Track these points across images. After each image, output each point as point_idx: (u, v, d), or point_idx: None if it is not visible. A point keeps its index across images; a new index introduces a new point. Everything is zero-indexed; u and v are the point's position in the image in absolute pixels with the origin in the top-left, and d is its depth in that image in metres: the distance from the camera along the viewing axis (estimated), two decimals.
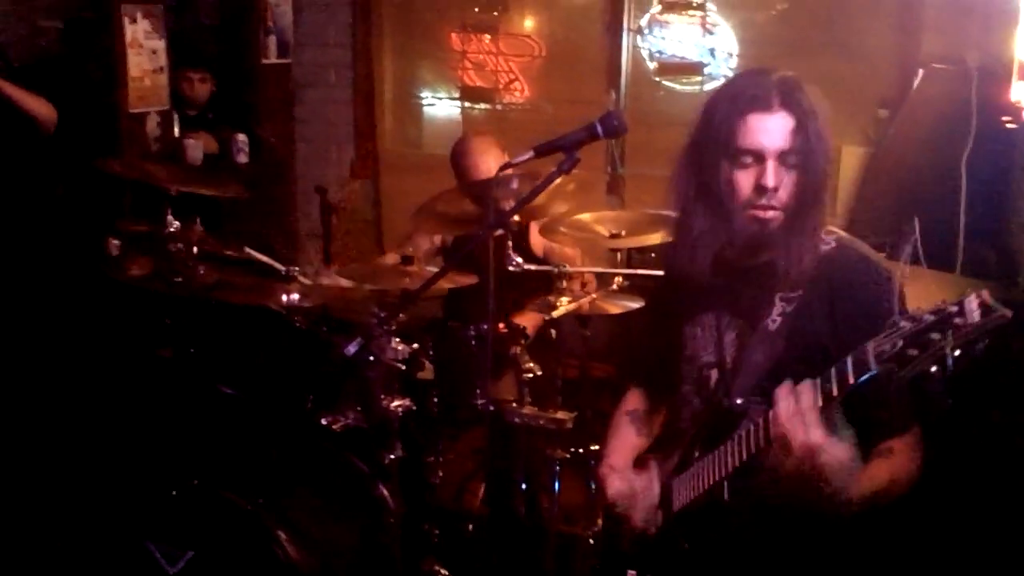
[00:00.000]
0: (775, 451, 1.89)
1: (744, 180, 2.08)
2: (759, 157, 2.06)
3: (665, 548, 2.32)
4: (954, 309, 1.61)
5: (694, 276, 2.20)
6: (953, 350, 1.60)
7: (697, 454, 2.23)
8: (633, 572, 2.40)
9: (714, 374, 2.29)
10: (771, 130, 2.04)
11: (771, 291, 2.16)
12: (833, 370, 1.82)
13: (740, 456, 2.03)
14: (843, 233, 2.22)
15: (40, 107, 4.75)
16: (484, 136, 4.37)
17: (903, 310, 1.70)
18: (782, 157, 2.05)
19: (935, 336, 1.62)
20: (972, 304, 1.59)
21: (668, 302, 2.44)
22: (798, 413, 1.83)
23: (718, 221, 2.13)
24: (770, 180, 2.04)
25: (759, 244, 2.11)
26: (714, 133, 2.11)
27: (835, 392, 1.81)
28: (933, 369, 1.63)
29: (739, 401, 2.14)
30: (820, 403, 1.83)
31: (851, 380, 1.77)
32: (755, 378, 2.15)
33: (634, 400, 2.63)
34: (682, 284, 2.29)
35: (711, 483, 2.13)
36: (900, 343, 1.67)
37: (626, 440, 2.55)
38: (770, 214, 2.08)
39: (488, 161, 4.09)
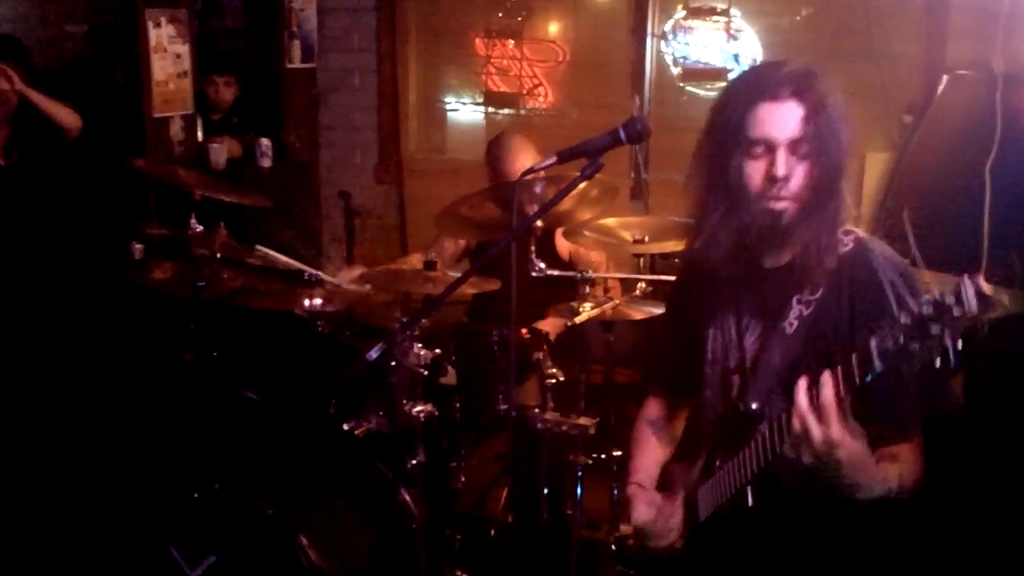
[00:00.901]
0: (793, 444, 1.89)
1: (755, 170, 2.07)
2: (770, 147, 2.04)
3: (693, 556, 2.32)
4: (951, 300, 1.58)
5: (712, 273, 2.20)
6: (955, 341, 1.59)
7: (718, 461, 2.23)
8: None
9: (736, 380, 2.28)
10: (781, 119, 2.03)
11: (789, 293, 2.15)
12: (839, 369, 1.81)
13: (760, 461, 2.03)
14: (862, 232, 2.17)
15: (65, 114, 4.78)
16: (522, 136, 4.37)
17: (902, 304, 1.68)
18: (792, 146, 2.04)
19: (935, 329, 1.60)
20: (969, 293, 1.56)
21: (688, 305, 2.43)
22: (817, 407, 1.83)
23: (732, 213, 2.11)
24: (780, 169, 2.03)
25: (774, 236, 2.10)
26: (726, 124, 2.10)
27: (842, 391, 1.81)
28: (937, 362, 1.62)
29: (755, 406, 2.13)
30: (839, 397, 1.81)
31: (857, 379, 1.77)
32: (772, 381, 2.14)
33: (655, 408, 2.62)
34: (702, 285, 2.29)
35: (734, 490, 2.13)
36: (901, 338, 1.65)
37: (650, 454, 2.55)
38: (782, 204, 2.06)
39: (526, 161, 4.10)
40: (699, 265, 2.23)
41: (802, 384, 1.85)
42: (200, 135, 5.90)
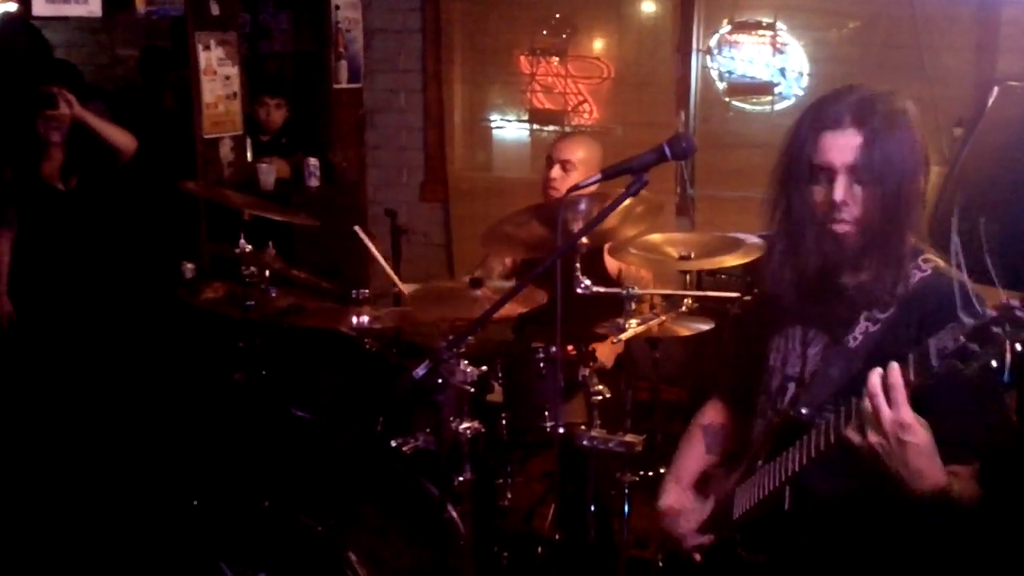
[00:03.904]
0: (860, 426, 1.87)
1: (818, 196, 2.13)
2: (830, 173, 2.10)
3: (724, 557, 2.32)
4: (1016, 303, 1.61)
5: (781, 292, 2.24)
6: (1014, 343, 1.60)
7: (760, 463, 2.23)
8: None
9: (792, 387, 2.30)
10: (840, 147, 2.09)
11: (857, 309, 2.17)
12: (895, 366, 1.82)
13: (802, 459, 2.03)
14: (941, 262, 2.18)
15: (121, 136, 4.85)
16: (589, 140, 4.40)
17: (967, 304, 1.68)
18: (852, 172, 2.09)
19: (996, 330, 1.62)
20: None
21: (759, 314, 2.48)
22: (887, 389, 1.82)
23: (799, 238, 2.18)
24: (838, 194, 2.09)
25: (838, 260, 2.15)
26: (794, 153, 2.17)
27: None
28: (994, 364, 1.62)
29: (805, 411, 2.13)
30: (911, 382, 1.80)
31: (912, 375, 1.78)
32: (827, 393, 2.15)
33: (712, 414, 2.65)
34: (772, 297, 2.32)
35: (772, 488, 2.13)
36: (962, 338, 1.67)
37: (696, 456, 2.60)
38: (843, 228, 2.12)
39: (575, 151, 4.20)
40: (769, 281, 2.29)
41: (876, 370, 1.85)
42: (249, 156, 5.96)
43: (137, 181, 5.10)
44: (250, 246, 3.73)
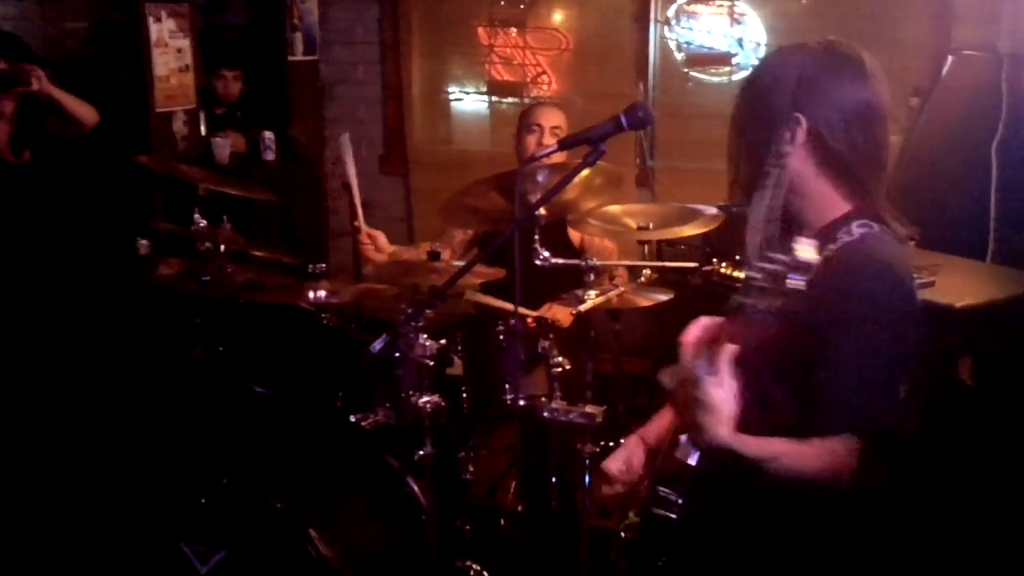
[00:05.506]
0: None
1: None
2: None
3: (643, 514, 2.31)
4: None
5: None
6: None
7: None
8: None
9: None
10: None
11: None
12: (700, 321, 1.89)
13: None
14: (877, 227, 2.03)
15: (85, 109, 4.77)
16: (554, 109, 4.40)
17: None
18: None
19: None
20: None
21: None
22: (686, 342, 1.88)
23: None
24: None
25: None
26: None
27: None
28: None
29: None
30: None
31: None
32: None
33: None
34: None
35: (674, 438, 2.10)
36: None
37: (668, 415, 2.55)
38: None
39: (560, 117, 4.24)
40: None
41: (696, 321, 1.90)
42: (204, 130, 5.89)
43: (92, 156, 5.04)
44: (205, 221, 3.69)
